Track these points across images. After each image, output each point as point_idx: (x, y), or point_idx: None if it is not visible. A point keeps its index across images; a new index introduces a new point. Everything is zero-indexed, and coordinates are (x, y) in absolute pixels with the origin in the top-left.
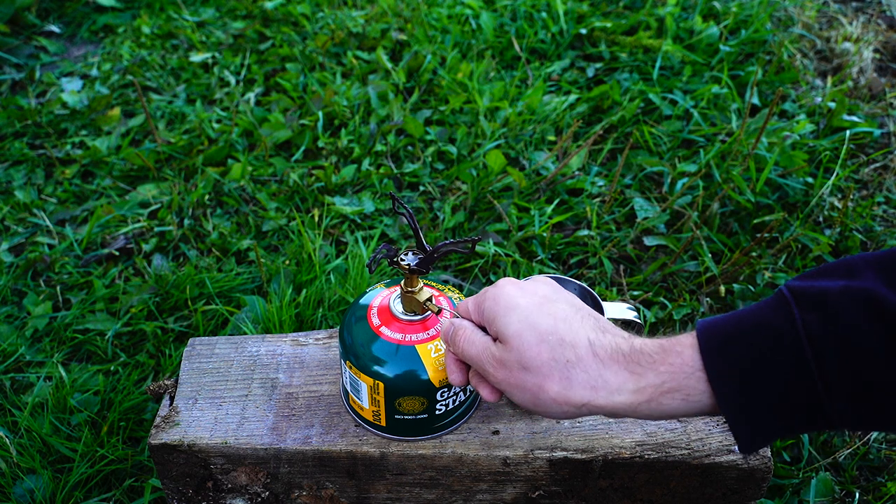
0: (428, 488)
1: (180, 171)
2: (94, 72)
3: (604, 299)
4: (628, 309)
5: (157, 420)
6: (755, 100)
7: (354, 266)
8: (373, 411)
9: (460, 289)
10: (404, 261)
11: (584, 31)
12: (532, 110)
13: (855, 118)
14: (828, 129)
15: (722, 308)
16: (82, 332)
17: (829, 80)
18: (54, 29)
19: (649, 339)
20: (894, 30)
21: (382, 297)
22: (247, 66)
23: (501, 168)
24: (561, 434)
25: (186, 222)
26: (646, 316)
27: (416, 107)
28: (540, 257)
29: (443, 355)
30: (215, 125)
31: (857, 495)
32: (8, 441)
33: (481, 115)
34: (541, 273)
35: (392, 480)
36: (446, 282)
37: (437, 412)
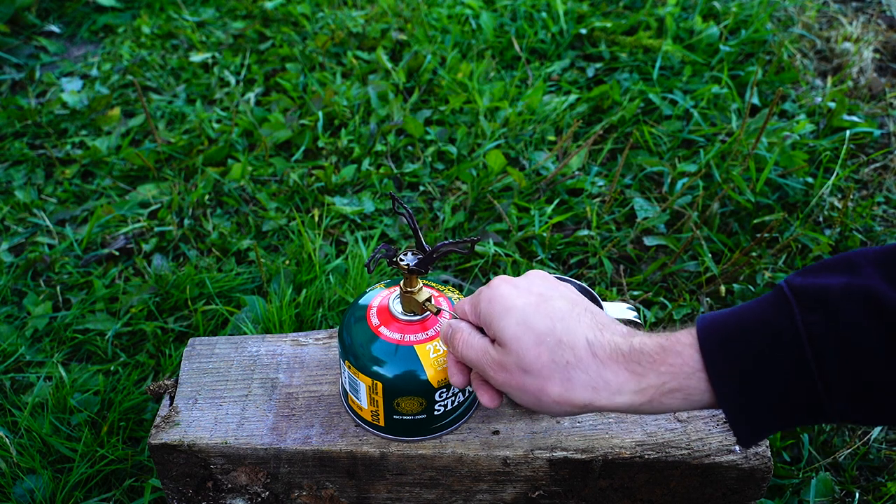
0: (428, 488)
1: (180, 171)
2: (94, 72)
3: (604, 299)
4: (628, 309)
5: (157, 420)
6: (755, 100)
7: (354, 266)
8: (371, 411)
9: (460, 289)
10: (403, 261)
11: (584, 31)
12: (532, 110)
13: (855, 118)
14: (828, 129)
15: (722, 308)
16: (82, 332)
17: (829, 80)
18: (54, 29)
19: (648, 336)
20: (894, 30)
21: (382, 297)
22: (247, 66)
23: (501, 168)
24: (561, 434)
25: (186, 222)
26: (646, 316)
27: (416, 107)
28: (540, 257)
29: (441, 356)
30: (215, 125)
31: (857, 495)
32: (8, 441)
33: (481, 115)
34: None
35: (392, 480)
36: (446, 282)
37: (436, 413)
